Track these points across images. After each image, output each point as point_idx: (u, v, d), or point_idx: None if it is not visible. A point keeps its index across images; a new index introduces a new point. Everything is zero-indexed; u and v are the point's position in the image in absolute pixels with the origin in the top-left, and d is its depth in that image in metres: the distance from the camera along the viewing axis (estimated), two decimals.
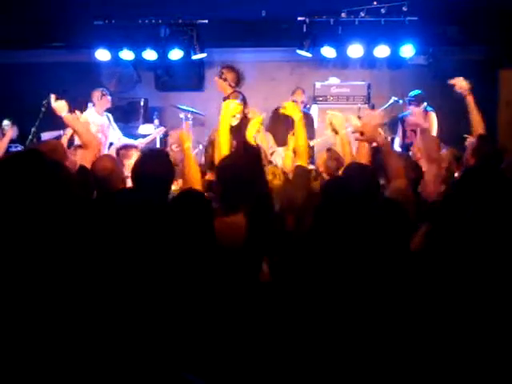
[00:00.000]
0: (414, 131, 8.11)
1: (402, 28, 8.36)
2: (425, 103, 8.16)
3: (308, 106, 9.00)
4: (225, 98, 7.36)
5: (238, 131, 7.21)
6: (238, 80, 7.33)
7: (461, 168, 5.68)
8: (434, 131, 7.99)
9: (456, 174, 5.65)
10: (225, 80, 7.25)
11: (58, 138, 8.42)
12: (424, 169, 5.53)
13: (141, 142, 8.15)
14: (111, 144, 8.20)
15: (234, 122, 7.16)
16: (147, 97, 9.85)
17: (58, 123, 8.64)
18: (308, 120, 8.05)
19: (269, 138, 8.13)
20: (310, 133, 8.01)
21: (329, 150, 6.17)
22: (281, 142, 7.88)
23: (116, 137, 8.33)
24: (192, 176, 4.07)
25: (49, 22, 9.25)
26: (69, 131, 8.39)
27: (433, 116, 8.16)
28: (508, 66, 8.97)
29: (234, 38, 9.27)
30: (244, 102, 7.32)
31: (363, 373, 2.50)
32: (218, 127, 5.55)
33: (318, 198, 3.34)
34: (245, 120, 7.27)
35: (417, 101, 8.13)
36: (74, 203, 2.99)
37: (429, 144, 5.61)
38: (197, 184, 4.01)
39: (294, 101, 7.94)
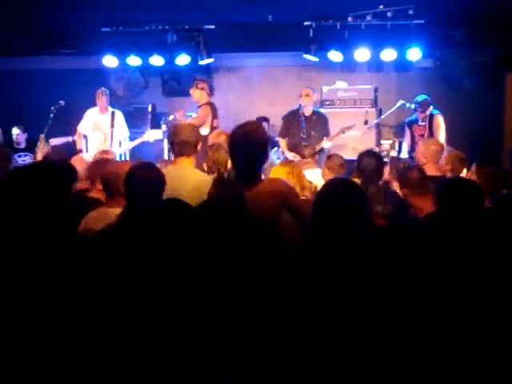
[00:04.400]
0: (422, 135, 8.10)
1: (409, 31, 8.34)
2: (431, 108, 8.13)
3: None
4: (199, 107, 7.86)
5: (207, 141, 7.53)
6: (212, 90, 7.95)
7: (465, 170, 5.67)
8: (442, 134, 7.95)
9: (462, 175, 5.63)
10: (202, 89, 7.77)
11: (68, 144, 8.52)
12: (428, 173, 5.54)
13: (131, 144, 8.47)
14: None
15: (206, 132, 7.56)
16: (154, 102, 9.89)
17: (66, 129, 8.74)
18: (320, 120, 8.11)
19: (281, 143, 8.25)
20: (325, 132, 8.03)
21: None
22: (291, 147, 8.00)
23: (122, 136, 8.51)
24: None
25: (57, 29, 9.31)
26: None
27: (439, 119, 8.12)
28: None
29: (241, 43, 9.28)
30: (213, 113, 7.72)
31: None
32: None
33: None
34: (214, 130, 7.55)
35: (422, 107, 8.11)
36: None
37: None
38: None
39: (306, 95, 8.02)
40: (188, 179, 4.20)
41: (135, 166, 3.62)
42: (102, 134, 8.43)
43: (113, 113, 8.50)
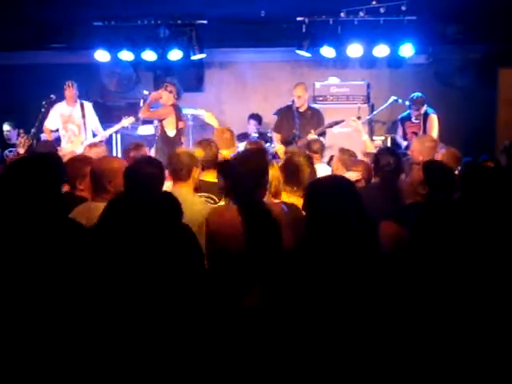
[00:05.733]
0: (416, 133, 8.09)
1: (401, 27, 8.35)
2: (425, 106, 8.12)
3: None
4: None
5: (174, 142, 7.54)
6: (179, 94, 7.96)
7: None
8: (435, 133, 7.92)
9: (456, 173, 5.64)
10: (170, 92, 7.78)
11: (58, 138, 8.46)
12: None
13: (107, 132, 8.34)
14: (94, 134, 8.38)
15: (172, 134, 7.64)
16: (146, 97, 9.84)
17: None
18: (315, 116, 8.02)
19: (275, 137, 8.21)
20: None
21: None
22: (284, 142, 7.94)
23: (93, 126, 8.43)
24: None
25: (49, 24, 9.27)
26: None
27: (433, 118, 8.10)
28: (507, 64, 8.98)
29: (234, 39, 9.26)
30: (178, 115, 7.79)
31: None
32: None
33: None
34: (179, 132, 7.74)
35: (416, 105, 8.10)
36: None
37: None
38: None
39: (298, 96, 7.91)
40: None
41: (136, 160, 3.60)
42: (75, 127, 8.27)
43: (81, 104, 8.36)
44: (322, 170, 5.68)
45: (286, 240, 3.29)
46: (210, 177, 4.88)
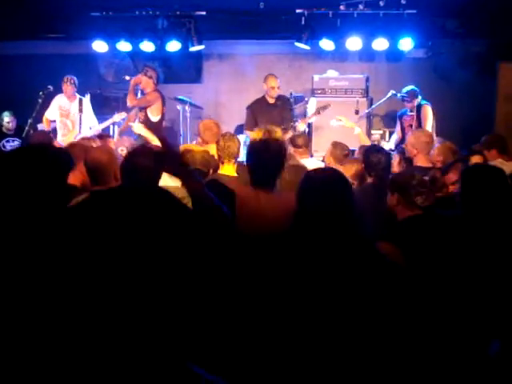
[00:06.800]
0: (411, 126, 8.06)
1: (401, 21, 8.32)
2: (419, 98, 8.06)
3: (306, 98, 8.95)
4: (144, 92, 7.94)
5: (156, 127, 7.51)
6: (158, 80, 8.01)
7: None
8: (429, 125, 7.85)
9: None
10: (150, 78, 7.80)
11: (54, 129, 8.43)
12: (419, 164, 5.57)
13: (100, 127, 8.27)
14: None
15: (156, 119, 7.64)
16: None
17: None
18: (287, 104, 7.97)
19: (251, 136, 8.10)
20: (292, 116, 7.91)
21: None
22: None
23: (90, 123, 8.40)
24: None
25: (46, 14, 9.20)
26: None
27: (427, 109, 8.01)
28: (507, 58, 8.94)
29: (232, 30, 9.22)
30: (163, 100, 7.78)
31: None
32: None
33: None
34: (163, 116, 7.80)
35: (409, 97, 8.06)
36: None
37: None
38: None
39: (271, 87, 7.87)
40: None
41: (132, 151, 3.56)
42: (70, 122, 8.29)
43: (80, 100, 8.34)
44: (310, 164, 5.62)
45: None
46: (230, 171, 4.83)
